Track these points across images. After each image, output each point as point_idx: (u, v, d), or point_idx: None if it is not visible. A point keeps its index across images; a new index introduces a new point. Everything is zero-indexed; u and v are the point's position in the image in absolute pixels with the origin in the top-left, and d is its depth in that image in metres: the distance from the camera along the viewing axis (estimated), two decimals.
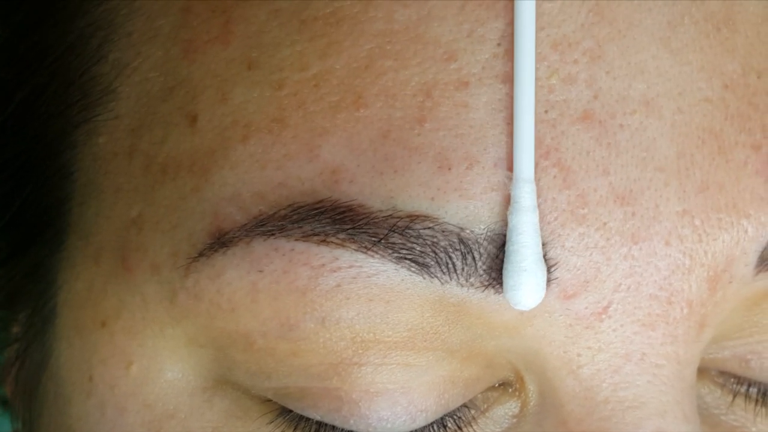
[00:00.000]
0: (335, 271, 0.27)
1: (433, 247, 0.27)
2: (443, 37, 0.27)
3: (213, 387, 0.30)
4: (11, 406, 0.37)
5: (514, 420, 0.29)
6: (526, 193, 0.27)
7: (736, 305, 0.29)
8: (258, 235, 0.28)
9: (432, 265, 0.27)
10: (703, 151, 0.28)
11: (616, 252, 0.27)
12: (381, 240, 0.27)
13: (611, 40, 0.28)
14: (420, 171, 0.27)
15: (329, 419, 0.29)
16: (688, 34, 0.28)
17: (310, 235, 0.27)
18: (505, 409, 0.29)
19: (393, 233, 0.27)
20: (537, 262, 0.27)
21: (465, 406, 0.29)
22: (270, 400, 0.29)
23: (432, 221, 0.27)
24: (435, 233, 0.27)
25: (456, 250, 0.27)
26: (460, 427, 0.29)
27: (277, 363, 0.29)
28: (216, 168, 0.28)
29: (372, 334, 0.28)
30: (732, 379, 0.31)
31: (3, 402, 0.39)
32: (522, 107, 0.27)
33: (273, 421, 0.29)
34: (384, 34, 0.27)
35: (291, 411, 0.29)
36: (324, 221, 0.27)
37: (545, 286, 0.27)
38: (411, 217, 0.27)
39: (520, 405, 0.29)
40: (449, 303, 0.28)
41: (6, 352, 0.36)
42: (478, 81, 0.27)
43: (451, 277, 0.27)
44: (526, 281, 0.27)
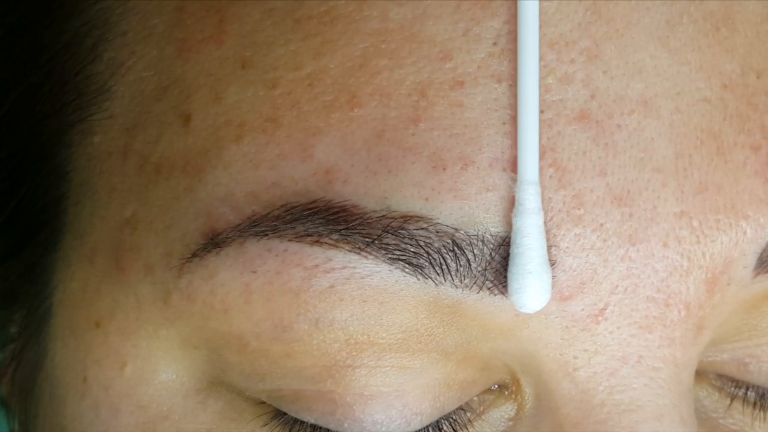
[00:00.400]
0: (329, 272, 0.27)
1: (427, 248, 0.27)
2: (438, 36, 0.27)
3: (207, 388, 0.30)
4: (8, 406, 0.37)
5: (510, 423, 0.29)
6: (531, 195, 0.27)
7: (734, 308, 0.29)
8: (251, 235, 0.28)
9: (426, 266, 0.27)
10: (702, 152, 0.28)
11: (613, 253, 0.27)
12: (374, 241, 0.27)
13: (609, 40, 0.27)
14: (414, 171, 0.27)
15: (323, 422, 0.29)
16: (687, 34, 0.28)
17: (304, 235, 0.27)
18: (501, 412, 0.29)
19: (387, 234, 0.27)
20: (542, 265, 0.27)
21: (461, 408, 0.29)
22: (264, 403, 0.29)
23: (426, 222, 0.27)
24: (429, 234, 0.27)
25: (450, 251, 0.27)
26: (456, 430, 0.29)
27: (270, 365, 0.28)
28: (209, 168, 0.28)
29: (366, 336, 0.28)
30: (730, 383, 0.31)
31: (1, 402, 0.39)
32: (526, 110, 0.27)
33: (267, 424, 0.29)
34: (379, 33, 0.27)
35: (285, 414, 0.29)
36: (317, 222, 0.27)
37: (550, 289, 0.27)
38: (405, 217, 0.27)
39: (516, 408, 0.29)
40: (444, 304, 0.27)
41: (3, 352, 0.36)
42: (474, 80, 0.27)
43: (446, 278, 0.27)
44: (532, 284, 0.27)
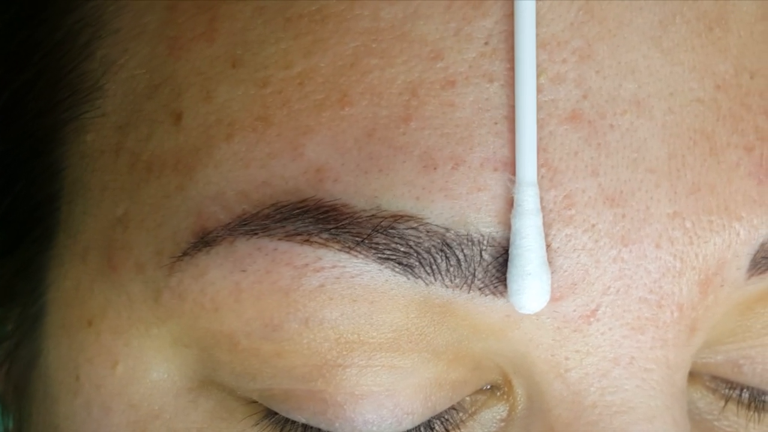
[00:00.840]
0: (318, 271, 0.27)
1: (417, 247, 0.27)
2: (430, 36, 0.27)
3: (198, 388, 0.30)
4: (3, 404, 0.37)
5: (502, 424, 0.29)
6: (529, 197, 0.26)
7: (728, 309, 0.29)
8: (241, 234, 0.27)
9: (416, 265, 0.27)
10: (695, 153, 0.27)
11: (605, 254, 0.27)
12: (364, 240, 0.27)
13: (601, 39, 0.27)
14: (405, 170, 0.27)
15: (314, 422, 0.28)
16: (680, 34, 0.28)
17: (294, 234, 0.27)
18: (493, 412, 0.29)
19: (376, 233, 0.27)
20: (541, 266, 0.26)
21: (453, 408, 0.29)
22: (255, 402, 0.29)
23: (416, 221, 0.27)
24: (419, 234, 0.27)
25: (440, 251, 0.27)
26: (448, 430, 0.29)
27: (261, 364, 0.28)
28: (200, 166, 0.28)
29: (356, 335, 0.28)
30: (724, 384, 0.31)
31: None
32: (523, 111, 0.26)
33: (258, 423, 0.29)
34: (370, 32, 0.27)
35: (276, 413, 0.29)
36: (307, 221, 0.27)
37: (550, 290, 0.27)
38: (395, 217, 0.27)
39: (508, 409, 0.29)
40: (434, 304, 0.27)
41: None
42: (465, 80, 0.27)
43: (436, 278, 0.27)
44: (531, 285, 0.26)
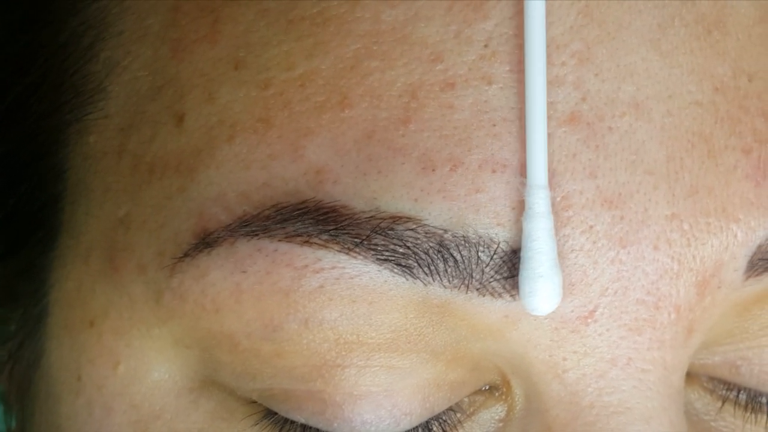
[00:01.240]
0: (318, 272, 0.27)
1: (415, 248, 0.27)
2: (430, 38, 0.27)
3: (199, 388, 0.30)
4: (7, 403, 0.37)
5: (501, 424, 0.29)
6: (540, 199, 0.27)
7: (725, 311, 0.29)
8: (242, 235, 0.28)
9: (414, 266, 0.27)
10: (693, 155, 0.28)
11: (603, 256, 0.27)
12: (363, 241, 0.27)
13: (600, 42, 0.27)
14: (404, 172, 0.27)
15: (313, 422, 0.29)
16: (678, 37, 0.28)
17: (294, 235, 0.27)
18: (491, 413, 0.29)
19: (375, 234, 0.27)
20: (553, 268, 0.27)
21: (451, 409, 0.29)
22: (255, 402, 0.29)
23: (415, 223, 0.27)
24: (417, 235, 0.27)
25: (438, 252, 0.27)
26: (446, 431, 0.29)
27: (261, 364, 0.28)
28: (202, 168, 0.28)
29: (355, 336, 0.28)
30: (721, 385, 0.31)
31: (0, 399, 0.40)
32: (533, 114, 0.26)
33: (258, 423, 0.29)
34: (370, 35, 0.27)
35: (276, 413, 0.29)
36: (307, 222, 0.27)
37: (561, 292, 0.27)
38: (394, 218, 0.27)
39: (506, 409, 0.29)
40: (433, 304, 0.27)
41: (2, 350, 0.37)
42: (465, 82, 0.27)
43: (434, 278, 0.27)
44: (543, 287, 0.27)
